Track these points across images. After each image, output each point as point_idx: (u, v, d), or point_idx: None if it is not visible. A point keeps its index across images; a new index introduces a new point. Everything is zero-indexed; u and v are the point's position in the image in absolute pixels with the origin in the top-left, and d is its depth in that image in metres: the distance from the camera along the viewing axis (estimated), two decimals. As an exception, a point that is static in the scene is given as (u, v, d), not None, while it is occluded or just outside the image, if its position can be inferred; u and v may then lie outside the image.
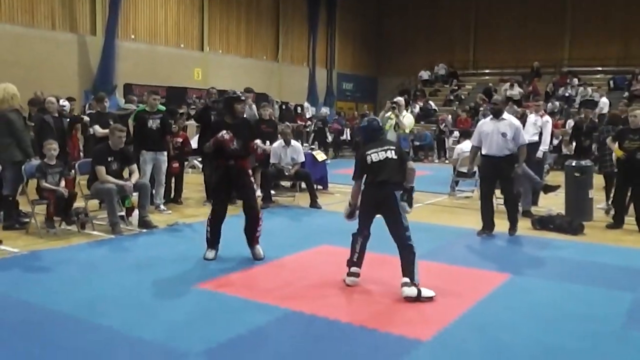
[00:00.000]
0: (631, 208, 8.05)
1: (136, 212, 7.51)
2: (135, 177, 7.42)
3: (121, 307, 4.50)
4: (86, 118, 10.80)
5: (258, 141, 6.13)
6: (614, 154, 8.45)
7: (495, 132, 7.19)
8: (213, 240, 6.07)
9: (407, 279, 4.85)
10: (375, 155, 5.14)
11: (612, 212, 8.36)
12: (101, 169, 7.13)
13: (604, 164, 9.45)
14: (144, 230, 7.24)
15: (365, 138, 5.40)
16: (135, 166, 7.60)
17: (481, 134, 7.41)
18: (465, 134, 12.07)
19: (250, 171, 6.25)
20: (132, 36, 18.07)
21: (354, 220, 5.27)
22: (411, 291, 4.76)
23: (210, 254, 5.99)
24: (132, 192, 7.30)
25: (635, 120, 7.96)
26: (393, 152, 5.15)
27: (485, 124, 7.45)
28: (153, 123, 8.32)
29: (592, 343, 4.03)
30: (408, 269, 4.89)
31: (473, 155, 7.72)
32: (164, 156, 8.46)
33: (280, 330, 4.15)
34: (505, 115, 7.41)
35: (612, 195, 8.83)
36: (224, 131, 5.79)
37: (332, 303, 4.70)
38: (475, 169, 8.34)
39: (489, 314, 4.54)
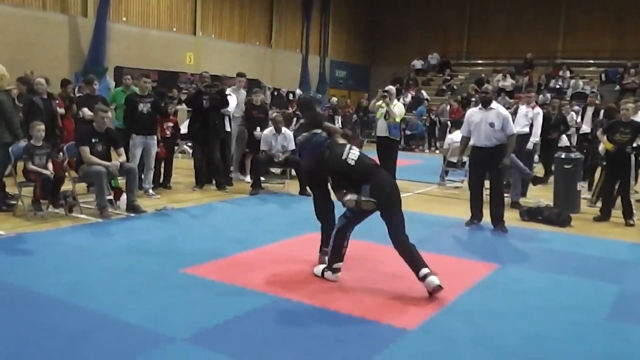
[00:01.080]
0: (618, 201, 8.10)
1: (124, 196, 7.48)
2: (122, 158, 7.36)
3: (107, 291, 4.48)
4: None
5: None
6: (601, 146, 8.50)
7: (484, 121, 7.11)
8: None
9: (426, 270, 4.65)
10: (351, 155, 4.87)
11: (599, 204, 8.40)
12: (85, 150, 7.06)
13: (596, 155, 9.46)
14: (132, 215, 7.21)
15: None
16: (122, 148, 7.54)
17: (470, 124, 7.35)
18: (457, 124, 12.07)
19: None
20: (124, 18, 17.88)
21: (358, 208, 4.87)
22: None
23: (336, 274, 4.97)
24: (118, 173, 7.25)
25: (626, 114, 7.99)
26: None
27: (474, 114, 7.36)
28: (144, 106, 8.25)
29: (576, 333, 4.06)
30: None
31: (463, 145, 7.67)
32: (154, 140, 8.41)
33: (267, 317, 4.14)
34: (494, 104, 7.31)
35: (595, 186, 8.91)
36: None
37: (320, 291, 4.70)
38: (466, 159, 8.33)
39: (475, 304, 4.56)
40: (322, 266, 5.09)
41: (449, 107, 20.09)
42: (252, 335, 3.79)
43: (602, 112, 10.68)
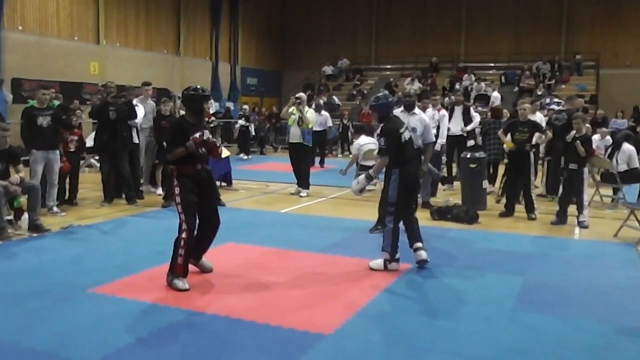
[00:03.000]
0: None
1: (26, 216, 7.07)
2: (21, 174, 6.96)
3: (8, 316, 4.21)
4: None
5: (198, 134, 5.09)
6: (505, 145, 8.93)
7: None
8: (187, 265, 5.04)
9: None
10: (407, 134, 5.58)
11: (504, 200, 8.82)
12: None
13: (489, 152, 9.88)
14: (35, 235, 6.82)
15: (385, 114, 5.66)
16: (21, 165, 7.13)
17: None
18: (360, 129, 12.29)
19: None
20: (20, 27, 16.94)
21: (361, 195, 5.79)
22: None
23: (185, 283, 4.91)
24: (18, 190, 6.85)
25: (524, 113, 8.43)
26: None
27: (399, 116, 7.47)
28: (43, 120, 7.84)
29: (485, 325, 4.23)
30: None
31: None
32: (56, 155, 8.01)
33: (181, 332, 4.04)
34: (417, 110, 7.46)
35: (498, 181, 9.34)
36: (200, 132, 5.01)
37: (235, 302, 4.64)
38: None
39: (390, 304, 4.66)
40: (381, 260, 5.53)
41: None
42: (166, 353, 3.68)
43: (471, 110, 11.28)
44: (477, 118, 11.17)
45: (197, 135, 4.97)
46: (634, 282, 5.37)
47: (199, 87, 5.30)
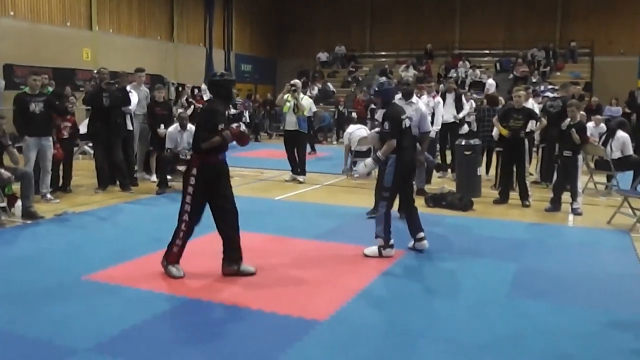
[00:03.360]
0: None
1: (19, 203, 7.03)
2: (14, 159, 6.91)
3: (1, 304, 4.20)
4: None
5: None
6: (495, 131, 8.93)
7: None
8: (181, 254, 5.01)
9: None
10: (407, 121, 5.70)
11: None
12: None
13: (483, 139, 9.86)
14: (29, 222, 6.79)
15: (388, 99, 5.82)
16: (11, 148, 7.05)
17: None
18: (350, 120, 12.38)
19: None
20: (11, 12, 16.76)
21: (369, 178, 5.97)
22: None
23: (180, 271, 4.91)
24: (11, 177, 6.80)
25: (519, 101, 8.42)
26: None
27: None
28: (36, 106, 7.77)
29: (479, 311, 4.26)
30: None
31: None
32: (49, 142, 7.95)
33: (176, 319, 4.04)
34: (415, 99, 7.40)
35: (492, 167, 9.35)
36: (237, 124, 4.94)
37: (230, 289, 4.64)
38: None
39: (384, 290, 4.67)
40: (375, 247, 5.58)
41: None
42: (161, 339, 3.69)
43: (463, 97, 11.13)
44: (467, 105, 11.14)
45: (234, 125, 4.83)
46: (627, 269, 5.40)
47: (224, 72, 5.23)
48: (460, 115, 10.76)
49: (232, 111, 17.89)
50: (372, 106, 15.00)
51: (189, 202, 4.86)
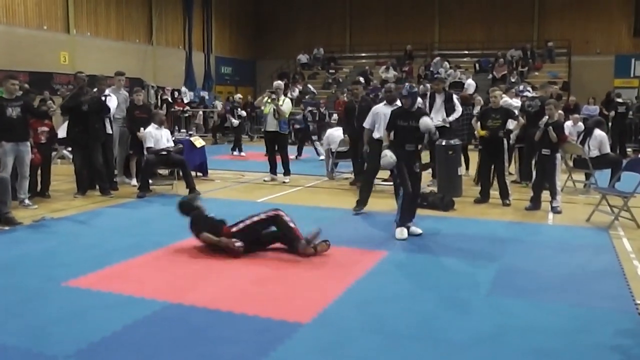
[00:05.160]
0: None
1: (-4, 209, 6.93)
2: None
3: (-21, 312, 4.13)
4: None
5: None
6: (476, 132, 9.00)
7: (386, 118, 7.37)
8: None
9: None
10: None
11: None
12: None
13: (461, 137, 9.92)
14: (6, 228, 6.69)
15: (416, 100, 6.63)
16: None
17: (375, 117, 7.91)
18: (329, 124, 12.45)
19: None
20: (-14, 16, 16.58)
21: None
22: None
23: None
24: None
25: (495, 101, 8.51)
26: None
27: (380, 109, 7.92)
28: (13, 111, 7.65)
29: (461, 310, 4.28)
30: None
31: (367, 137, 8.07)
32: (26, 147, 7.83)
33: (158, 324, 4.00)
34: (399, 102, 7.50)
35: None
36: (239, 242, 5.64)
37: (212, 293, 4.61)
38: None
39: (367, 291, 4.67)
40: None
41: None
42: (143, 345, 3.65)
43: (454, 98, 10.06)
44: (459, 107, 10.01)
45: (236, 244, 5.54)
46: (606, 266, 5.47)
47: (196, 204, 6.07)
48: (451, 118, 9.70)
49: (235, 122, 17.40)
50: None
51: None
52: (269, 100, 9.91)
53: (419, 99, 7.79)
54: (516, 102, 10.27)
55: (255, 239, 5.66)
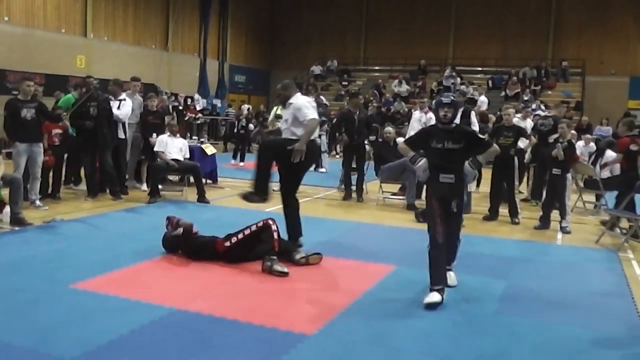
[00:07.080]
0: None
1: (7, 209, 6.98)
2: (1, 168, 6.88)
3: (-13, 311, 4.16)
4: None
5: None
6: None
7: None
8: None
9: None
10: None
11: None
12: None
13: None
14: (17, 228, 6.75)
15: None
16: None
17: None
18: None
19: None
20: (6, 18, 16.78)
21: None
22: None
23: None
24: (0, 183, 6.77)
25: (508, 119, 8.50)
26: None
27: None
28: (27, 112, 7.74)
29: (468, 328, 4.26)
30: None
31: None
32: (39, 148, 7.91)
33: (164, 329, 4.02)
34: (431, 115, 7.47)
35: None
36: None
37: (218, 300, 4.62)
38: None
39: (373, 305, 4.66)
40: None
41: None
42: (149, 350, 3.66)
43: (472, 115, 10.03)
44: (476, 125, 10.03)
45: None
46: (614, 289, 5.44)
47: None
48: None
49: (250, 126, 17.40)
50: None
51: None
52: (278, 110, 9.97)
53: (432, 115, 7.62)
54: (529, 123, 10.24)
55: (248, 253, 5.61)
